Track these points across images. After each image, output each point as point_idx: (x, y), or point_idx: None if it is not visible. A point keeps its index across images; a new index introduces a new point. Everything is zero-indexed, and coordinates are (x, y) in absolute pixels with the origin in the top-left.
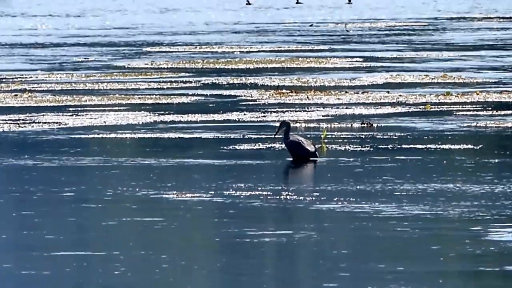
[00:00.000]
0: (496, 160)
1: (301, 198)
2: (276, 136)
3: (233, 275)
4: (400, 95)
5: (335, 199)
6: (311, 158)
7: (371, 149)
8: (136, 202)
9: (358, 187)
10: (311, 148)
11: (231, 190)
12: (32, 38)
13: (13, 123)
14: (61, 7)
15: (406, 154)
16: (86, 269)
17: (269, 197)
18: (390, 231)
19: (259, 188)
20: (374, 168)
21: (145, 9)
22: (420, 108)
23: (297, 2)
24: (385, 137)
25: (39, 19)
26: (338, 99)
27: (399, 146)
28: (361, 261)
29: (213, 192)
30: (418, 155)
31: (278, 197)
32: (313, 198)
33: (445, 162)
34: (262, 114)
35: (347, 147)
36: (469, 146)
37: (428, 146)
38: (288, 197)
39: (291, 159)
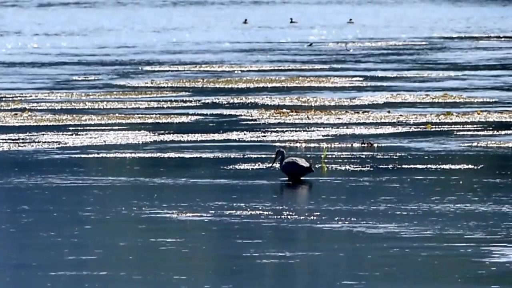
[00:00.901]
0: (497, 180)
1: (301, 218)
2: (273, 166)
3: None
4: (400, 115)
5: (336, 218)
6: (307, 173)
7: (372, 169)
8: (136, 221)
9: (358, 207)
10: (305, 164)
11: (231, 209)
12: (31, 57)
13: (13, 142)
14: (60, 26)
15: (407, 174)
16: None
17: (270, 216)
18: (392, 252)
19: (260, 208)
20: (375, 188)
21: (144, 29)
22: (420, 128)
23: (291, 21)
24: (385, 157)
25: (37, 38)
26: (338, 118)
27: (399, 166)
28: (365, 281)
29: (213, 212)
30: (419, 175)
31: (279, 216)
32: (314, 218)
33: (445, 182)
34: (262, 134)
35: (348, 167)
36: (470, 166)
37: (429, 166)
38: (288, 216)
39: (287, 178)
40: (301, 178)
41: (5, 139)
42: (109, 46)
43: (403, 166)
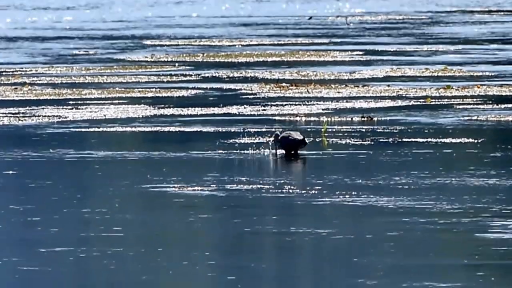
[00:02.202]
0: (498, 154)
1: (302, 191)
2: (278, 151)
3: (237, 270)
4: (400, 89)
5: (337, 192)
6: (301, 146)
7: (372, 142)
8: (136, 195)
9: (359, 181)
10: (299, 137)
11: (232, 183)
12: (31, 31)
13: (13, 116)
14: (59, 0)
15: (407, 148)
16: (87, 264)
17: (271, 190)
18: (392, 225)
19: (261, 182)
20: (375, 162)
21: (145, 2)
22: (420, 102)
23: None
24: (385, 130)
25: (37, 12)
26: (338, 92)
27: (399, 140)
28: (371, 255)
29: (214, 186)
30: (419, 149)
31: (280, 190)
32: (315, 192)
33: (446, 156)
34: (262, 108)
35: (348, 140)
36: (470, 140)
37: (429, 140)
38: (290, 190)
39: (284, 151)
40: (298, 151)
41: (5, 113)
42: (109, 20)
43: (404, 139)
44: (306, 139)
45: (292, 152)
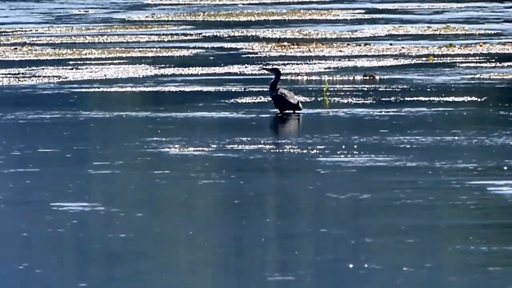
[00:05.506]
0: (500, 112)
1: (304, 151)
2: (265, 68)
3: (238, 231)
4: (402, 47)
5: (339, 152)
6: (294, 111)
7: (374, 101)
8: (137, 155)
9: (362, 140)
10: (293, 100)
11: (233, 143)
12: None
13: (13, 77)
14: None
15: (409, 107)
16: (87, 225)
17: (272, 150)
18: (394, 185)
19: (262, 141)
20: (378, 120)
21: None
22: (422, 60)
23: None
24: (387, 89)
25: None
26: (340, 51)
27: (401, 99)
28: (364, 214)
29: (215, 146)
30: (421, 107)
31: (281, 150)
32: (317, 151)
33: (448, 114)
34: (264, 67)
35: (350, 99)
36: (473, 98)
37: (431, 98)
38: (291, 150)
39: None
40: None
41: (5, 74)
42: None
43: (406, 98)
44: (300, 104)
45: (285, 111)
